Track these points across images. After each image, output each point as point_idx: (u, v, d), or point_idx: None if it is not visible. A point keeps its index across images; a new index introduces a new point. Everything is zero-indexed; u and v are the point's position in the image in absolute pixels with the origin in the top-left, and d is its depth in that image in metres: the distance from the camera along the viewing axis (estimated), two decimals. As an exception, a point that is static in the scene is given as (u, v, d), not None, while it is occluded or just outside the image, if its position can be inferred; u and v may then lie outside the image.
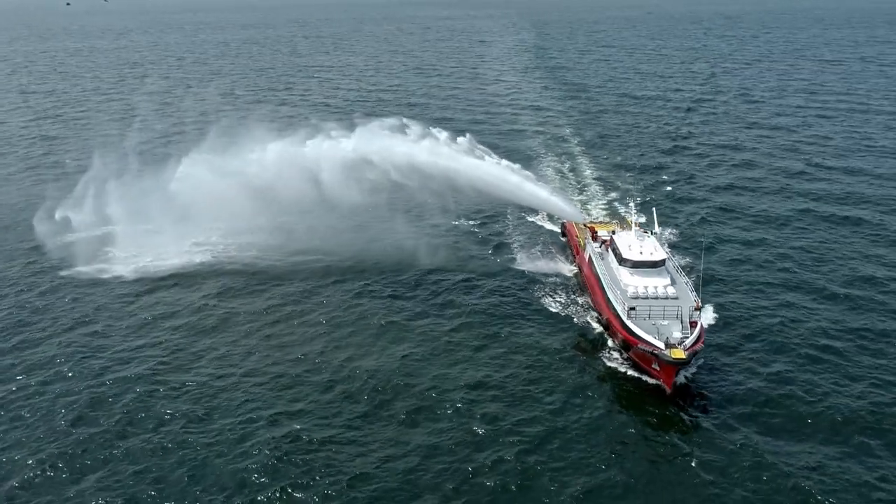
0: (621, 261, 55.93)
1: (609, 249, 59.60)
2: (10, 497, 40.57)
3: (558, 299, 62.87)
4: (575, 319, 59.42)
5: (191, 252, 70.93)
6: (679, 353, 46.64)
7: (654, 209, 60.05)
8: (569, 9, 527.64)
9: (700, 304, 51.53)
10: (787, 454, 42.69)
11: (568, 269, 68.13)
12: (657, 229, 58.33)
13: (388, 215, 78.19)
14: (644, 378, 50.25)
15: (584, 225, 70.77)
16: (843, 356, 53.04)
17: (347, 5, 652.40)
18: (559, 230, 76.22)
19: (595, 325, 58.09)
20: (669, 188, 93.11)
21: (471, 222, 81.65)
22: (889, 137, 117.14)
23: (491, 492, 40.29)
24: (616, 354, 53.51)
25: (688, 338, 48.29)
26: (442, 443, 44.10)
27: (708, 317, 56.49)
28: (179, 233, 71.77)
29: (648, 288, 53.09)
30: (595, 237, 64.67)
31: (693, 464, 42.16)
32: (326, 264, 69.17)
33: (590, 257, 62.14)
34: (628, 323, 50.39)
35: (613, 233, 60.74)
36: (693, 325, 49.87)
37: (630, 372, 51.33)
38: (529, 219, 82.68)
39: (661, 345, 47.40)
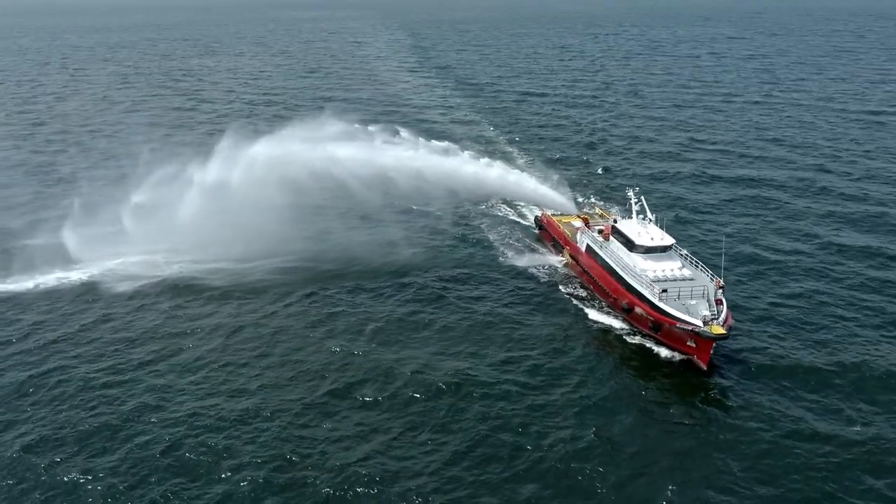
0: (633, 247, 57.94)
1: (611, 238, 61.51)
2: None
3: (558, 288, 64.56)
4: (580, 306, 61.21)
5: (151, 263, 67.67)
6: (719, 329, 49.18)
7: (642, 197, 63.04)
8: (427, 8, 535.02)
9: (722, 283, 54.55)
10: (818, 423, 45.31)
11: (556, 261, 69.99)
12: (651, 216, 61.18)
13: (358, 219, 77.44)
14: (674, 356, 52.49)
15: (578, 216, 72.80)
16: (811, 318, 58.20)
17: (200, 8, 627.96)
18: (534, 224, 77.69)
19: (600, 309, 60.30)
20: (604, 179, 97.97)
21: (444, 222, 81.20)
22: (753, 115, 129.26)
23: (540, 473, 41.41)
24: (633, 334, 55.91)
25: (718, 315, 50.90)
26: (478, 438, 44.48)
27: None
28: (138, 243, 68.37)
29: (666, 271, 55.62)
30: (588, 227, 66.88)
31: (735, 434, 44.26)
32: (309, 269, 67.42)
33: (588, 246, 63.97)
34: (661, 305, 52.46)
35: (615, 221, 62.71)
36: (719, 303, 52.55)
37: (658, 350, 53.59)
38: (500, 214, 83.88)
39: (700, 322, 49.85)
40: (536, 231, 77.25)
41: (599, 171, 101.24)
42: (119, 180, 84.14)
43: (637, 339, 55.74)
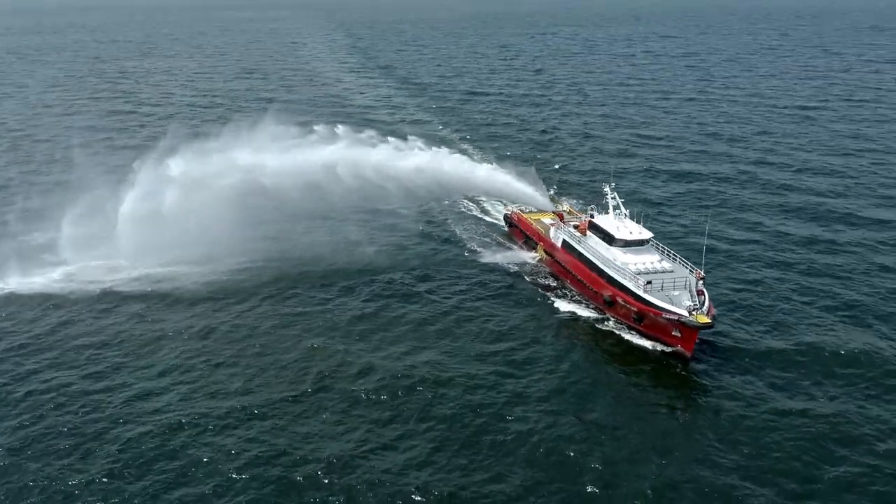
0: (612, 241, 59.41)
1: (588, 233, 62.91)
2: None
3: (534, 283, 65.85)
4: (557, 299, 62.47)
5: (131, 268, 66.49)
6: (704, 318, 50.81)
7: (615, 193, 64.10)
8: (360, 9, 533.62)
9: (703, 274, 56.11)
10: (796, 405, 47.11)
11: (529, 257, 71.01)
12: (625, 211, 62.45)
13: (326, 220, 77.23)
14: (654, 346, 54.19)
15: (553, 213, 74.07)
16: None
17: (129, 8, 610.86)
18: (504, 221, 78.60)
19: (577, 301, 61.80)
20: (560, 175, 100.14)
21: (408, 220, 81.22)
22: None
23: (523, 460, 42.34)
24: (615, 325, 57.49)
25: (700, 306, 52.28)
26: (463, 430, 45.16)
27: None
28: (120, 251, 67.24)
29: (647, 264, 57.29)
30: (563, 223, 68.04)
31: (715, 418, 46.16)
32: (280, 271, 66.97)
33: (564, 242, 65.35)
34: (645, 296, 53.78)
35: (592, 217, 63.90)
36: (700, 293, 54.04)
37: (637, 340, 55.22)
38: (467, 212, 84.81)
39: (685, 312, 51.47)
40: (506, 228, 78.22)
41: (556, 167, 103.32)
42: (58, 186, 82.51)
43: (614, 329, 57.26)
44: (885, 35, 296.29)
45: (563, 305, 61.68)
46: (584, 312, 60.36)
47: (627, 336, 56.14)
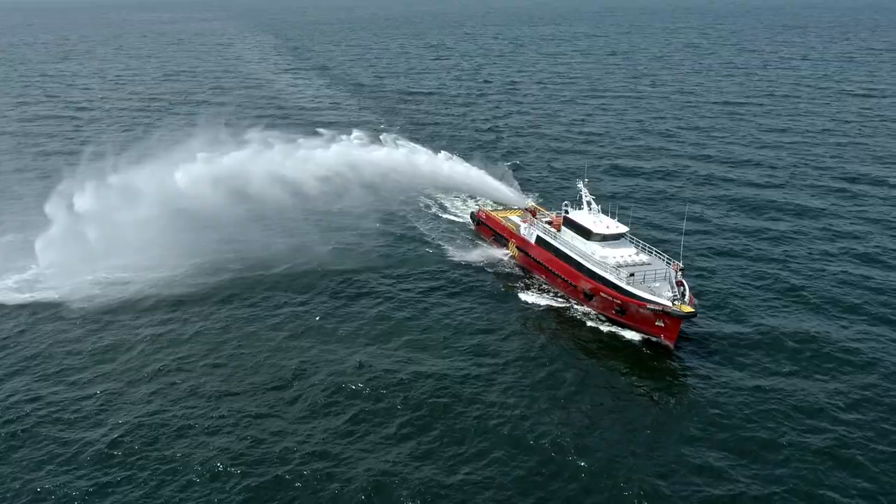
0: (590, 235, 60.55)
1: (563, 228, 64.27)
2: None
3: (508, 279, 67.06)
4: (532, 295, 63.79)
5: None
6: (688, 308, 52.43)
7: (585, 188, 65.45)
8: (284, 11, 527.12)
9: (681, 266, 57.48)
10: (780, 391, 49.36)
11: (501, 254, 72.13)
12: (596, 206, 63.96)
13: (293, 224, 76.58)
14: (632, 336, 56.12)
15: (524, 209, 75.40)
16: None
17: (36, 9, 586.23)
18: (470, 219, 79.39)
19: (550, 296, 63.42)
20: (518, 173, 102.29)
21: (372, 222, 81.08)
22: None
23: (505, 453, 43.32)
24: (595, 318, 59.11)
25: (680, 296, 53.99)
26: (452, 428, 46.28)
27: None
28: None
29: (625, 257, 58.59)
30: (535, 219, 69.34)
31: (701, 404, 47.96)
32: (256, 277, 66.42)
33: (538, 237, 66.86)
34: (629, 288, 55.11)
35: (566, 212, 65.06)
36: (679, 284, 55.32)
37: (616, 331, 57.05)
38: (427, 210, 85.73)
39: (669, 303, 52.89)
40: (473, 226, 79.28)
41: (506, 165, 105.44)
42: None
43: (590, 322, 59.00)
44: (794, 32, 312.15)
45: (537, 300, 63.09)
46: (558, 305, 62.10)
47: (605, 328, 57.96)
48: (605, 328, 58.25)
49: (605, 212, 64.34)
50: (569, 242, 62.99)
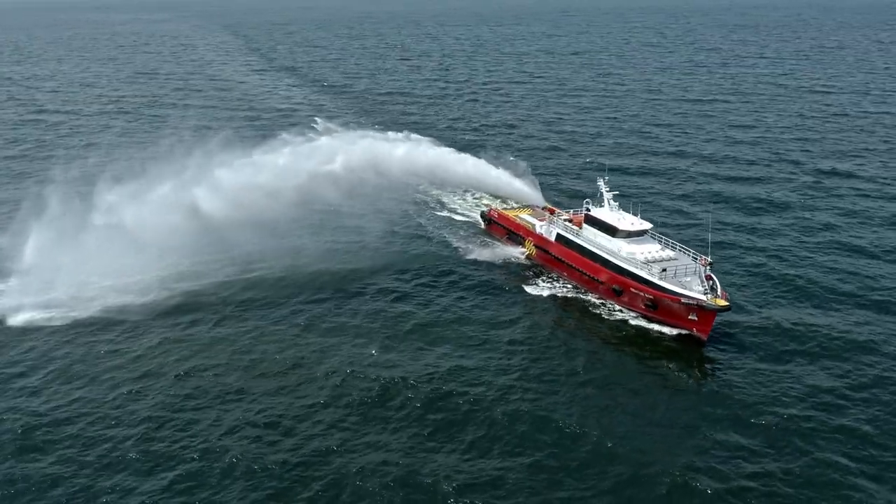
0: (615, 232, 61.29)
1: (584, 226, 65.13)
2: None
3: (528, 277, 67.66)
4: (561, 293, 64.53)
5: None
6: (722, 301, 53.37)
7: (605, 186, 66.13)
8: (243, 11, 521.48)
9: (710, 260, 57.80)
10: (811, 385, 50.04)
11: (517, 252, 72.53)
12: (615, 203, 64.82)
13: (310, 226, 76.58)
14: (662, 330, 56.92)
15: (543, 208, 76.28)
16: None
17: None
18: (480, 218, 79.80)
19: (575, 292, 64.27)
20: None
21: (386, 224, 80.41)
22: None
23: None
24: (622, 312, 60.06)
25: (710, 290, 54.27)
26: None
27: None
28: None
29: (652, 253, 59.51)
30: (554, 217, 70.19)
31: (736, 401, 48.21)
32: (280, 279, 66.45)
33: (559, 235, 67.41)
34: (662, 283, 55.96)
35: (588, 210, 66.11)
36: (709, 278, 56.02)
37: (656, 327, 57.71)
38: (438, 213, 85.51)
39: (703, 297, 53.57)
40: (484, 226, 79.50)
41: (525, 164, 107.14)
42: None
43: (620, 316, 59.91)
44: (747, 31, 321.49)
45: (557, 293, 64.05)
46: (582, 299, 63.00)
47: (635, 322, 58.87)
48: (636, 322, 58.96)
49: (624, 209, 65.31)
50: (592, 240, 63.74)
